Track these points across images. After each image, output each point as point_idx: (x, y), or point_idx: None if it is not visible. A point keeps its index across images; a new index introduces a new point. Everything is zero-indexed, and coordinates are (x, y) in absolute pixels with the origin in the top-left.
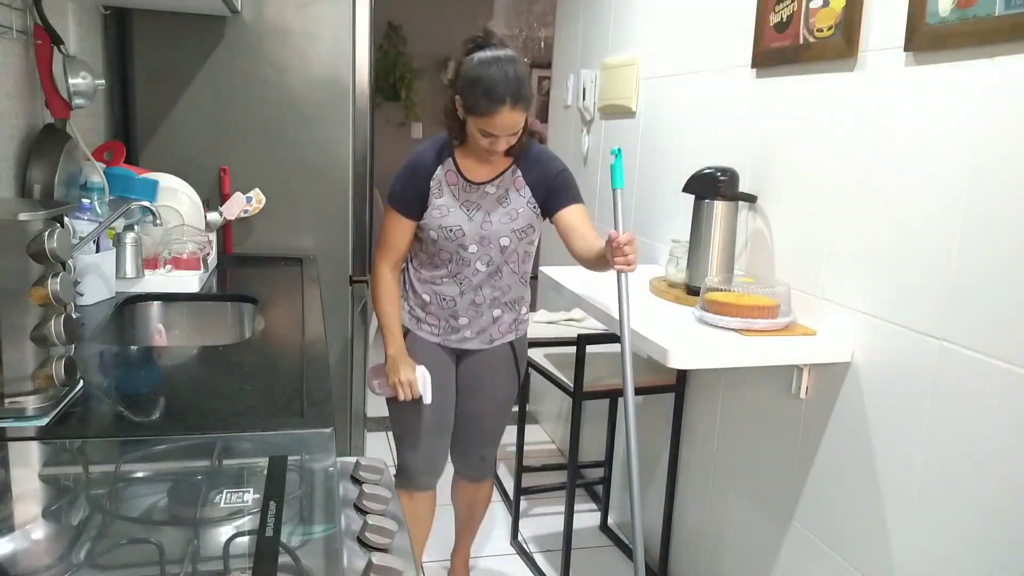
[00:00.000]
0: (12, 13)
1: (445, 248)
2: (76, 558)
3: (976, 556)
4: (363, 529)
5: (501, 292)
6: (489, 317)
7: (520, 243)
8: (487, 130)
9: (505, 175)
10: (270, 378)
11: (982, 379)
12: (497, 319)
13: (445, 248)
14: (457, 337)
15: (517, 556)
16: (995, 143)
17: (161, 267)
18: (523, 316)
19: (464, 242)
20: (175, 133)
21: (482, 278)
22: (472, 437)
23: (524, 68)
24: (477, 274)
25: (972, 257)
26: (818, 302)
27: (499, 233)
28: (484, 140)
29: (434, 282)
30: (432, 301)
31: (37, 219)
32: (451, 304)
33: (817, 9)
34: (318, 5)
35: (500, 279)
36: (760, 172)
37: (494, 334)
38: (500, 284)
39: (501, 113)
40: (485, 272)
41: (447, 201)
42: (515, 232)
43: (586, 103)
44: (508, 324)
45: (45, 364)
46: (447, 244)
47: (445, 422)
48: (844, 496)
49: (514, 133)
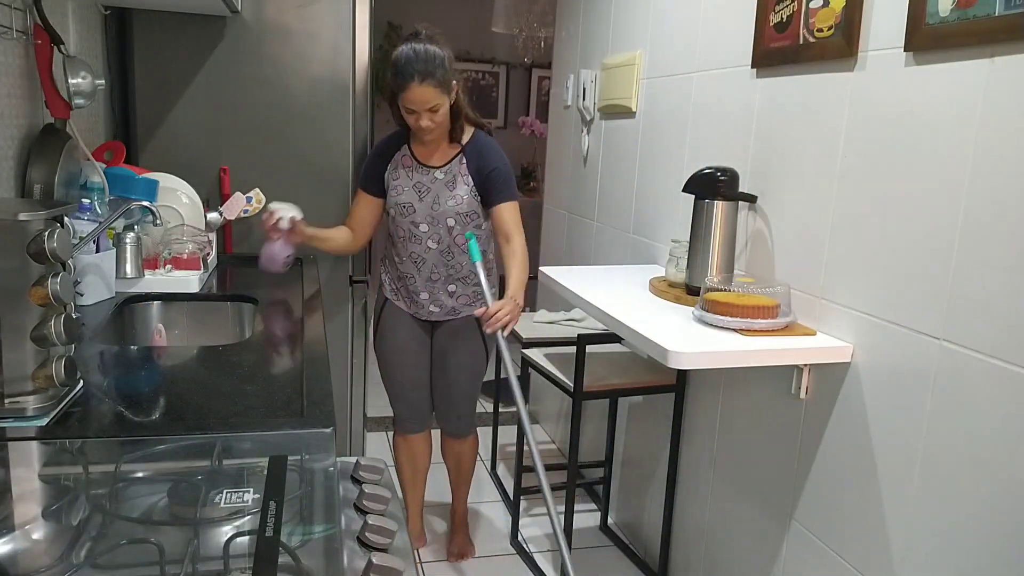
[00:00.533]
0: (12, 13)
1: (401, 225)
2: (76, 558)
3: (976, 556)
4: (363, 529)
5: (454, 269)
6: (445, 292)
7: (467, 226)
8: (406, 106)
9: (453, 163)
10: (270, 378)
11: (982, 379)
12: (454, 293)
13: (401, 225)
14: (423, 311)
15: (517, 556)
16: (995, 143)
17: (161, 267)
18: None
19: (416, 219)
20: (175, 133)
21: (435, 256)
22: (448, 398)
23: (437, 51)
24: (429, 251)
25: (972, 257)
26: (818, 302)
27: (446, 214)
28: (410, 117)
29: (399, 262)
30: (400, 277)
31: (37, 219)
32: (412, 281)
33: (817, 9)
34: (318, 5)
35: (452, 258)
36: (760, 172)
37: (456, 306)
38: (452, 262)
39: (411, 88)
40: (436, 250)
41: (402, 182)
42: (459, 215)
43: (586, 103)
44: (468, 297)
45: (45, 364)
46: (402, 221)
47: (421, 380)
48: (844, 496)
49: (431, 109)
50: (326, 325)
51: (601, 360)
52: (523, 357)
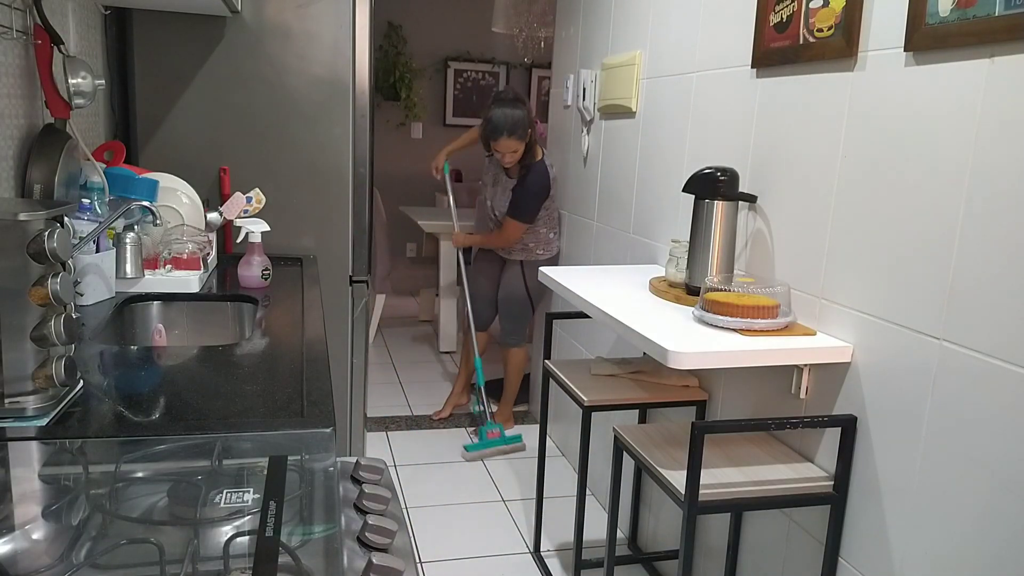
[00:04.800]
0: (12, 13)
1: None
2: (76, 558)
3: (976, 556)
4: (363, 529)
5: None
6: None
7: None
8: (497, 150)
9: (512, 176)
10: (270, 378)
11: (982, 379)
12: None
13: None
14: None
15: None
16: (995, 143)
17: (161, 267)
18: (532, 250)
19: (485, 198)
20: (175, 133)
21: (495, 224)
22: (502, 315)
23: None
24: (492, 220)
25: (972, 257)
26: (818, 302)
27: (498, 206)
28: (497, 155)
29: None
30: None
31: (37, 219)
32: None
33: (817, 9)
34: (318, 5)
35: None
36: (760, 172)
37: (509, 254)
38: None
39: (500, 140)
40: (495, 221)
41: (486, 179)
42: (505, 206)
43: (586, 103)
44: (518, 251)
45: (45, 364)
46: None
47: (488, 296)
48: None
49: (513, 151)
50: (326, 325)
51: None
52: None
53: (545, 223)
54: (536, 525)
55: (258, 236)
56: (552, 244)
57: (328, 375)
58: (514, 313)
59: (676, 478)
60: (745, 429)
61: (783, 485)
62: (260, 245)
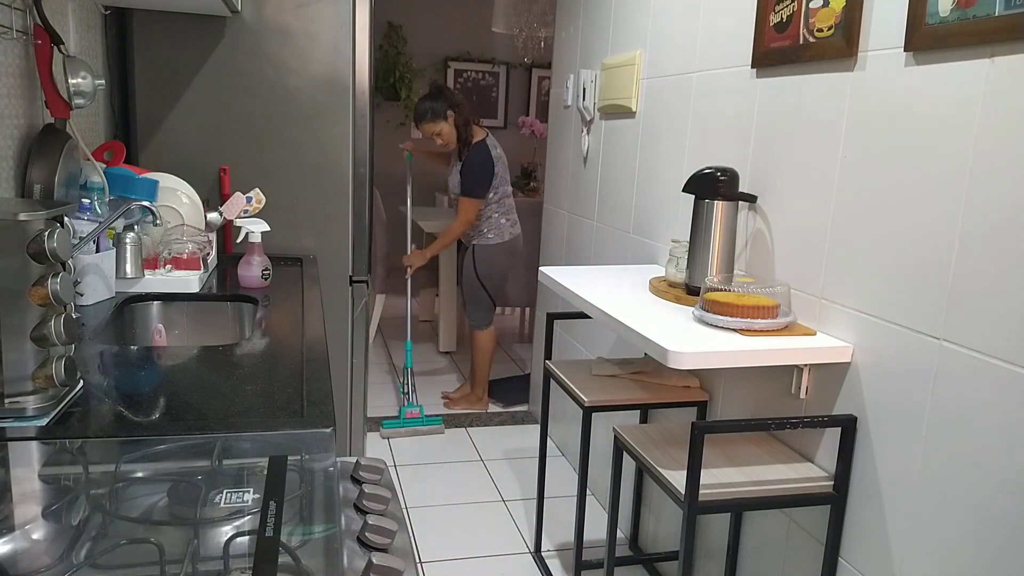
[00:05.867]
0: (12, 13)
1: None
2: (76, 558)
3: (976, 556)
4: (363, 529)
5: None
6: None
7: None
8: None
9: (461, 159)
10: (270, 378)
11: (982, 379)
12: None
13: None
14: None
15: (538, 569)
16: (995, 143)
17: (161, 267)
18: (484, 234)
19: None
20: (175, 133)
21: (454, 207)
22: (464, 299)
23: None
24: (451, 202)
25: (972, 257)
26: (818, 302)
27: (453, 188)
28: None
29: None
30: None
31: (37, 219)
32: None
33: (817, 9)
34: (318, 5)
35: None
36: (760, 172)
37: (469, 239)
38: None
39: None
40: (453, 203)
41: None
42: (458, 188)
43: (586, 103)
44: (473, 235)
45: (45, 364)
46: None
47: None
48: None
49: (436, 133)
50: (326, 325)
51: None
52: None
53: (497, 208)
54: (536, 525)
55: (258, 236)
56: (504, 230)
57: (328, 375)
58: (471, 297)
59: (676, 478)
60: (745, 429)
61: (783, 485)
62: (260, 245)
